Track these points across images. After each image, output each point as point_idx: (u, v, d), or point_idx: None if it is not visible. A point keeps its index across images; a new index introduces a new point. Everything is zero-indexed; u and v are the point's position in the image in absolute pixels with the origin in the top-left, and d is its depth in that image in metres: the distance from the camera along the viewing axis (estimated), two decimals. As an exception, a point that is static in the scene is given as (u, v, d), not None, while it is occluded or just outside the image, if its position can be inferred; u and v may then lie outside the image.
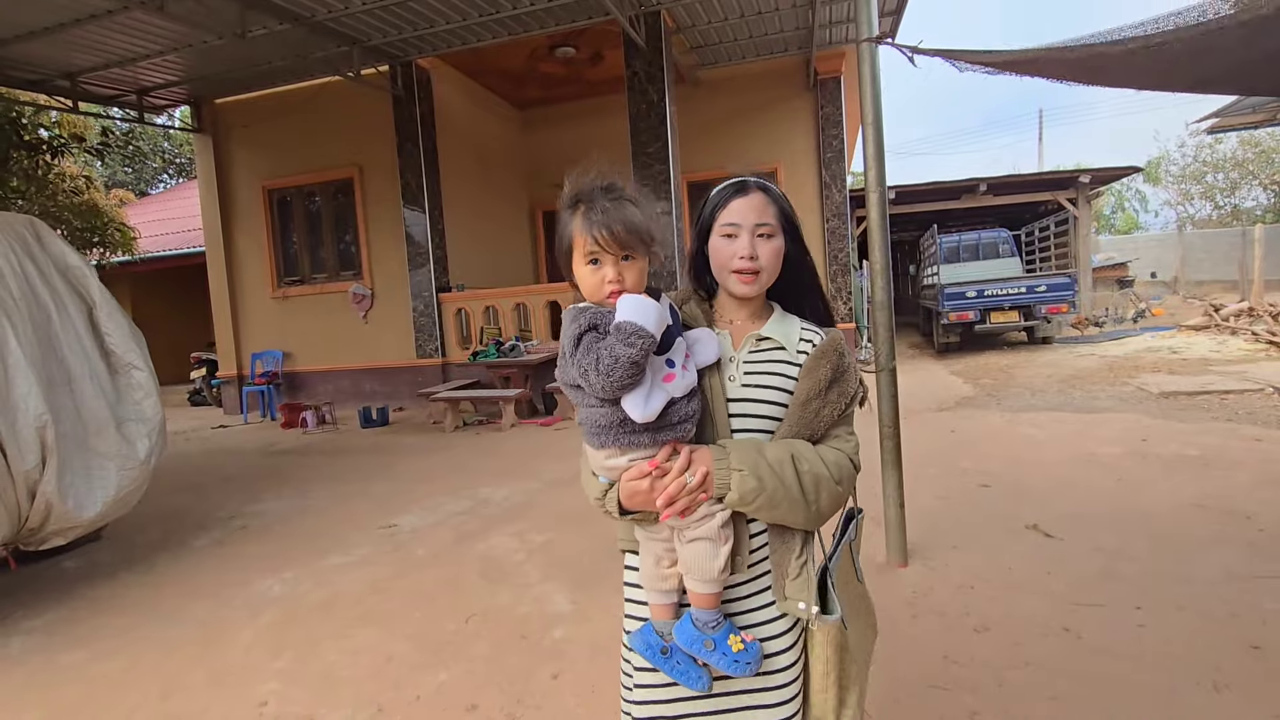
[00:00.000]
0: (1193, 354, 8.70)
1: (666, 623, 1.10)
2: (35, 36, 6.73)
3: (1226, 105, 8.19)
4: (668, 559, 1.09)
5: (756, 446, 1.05)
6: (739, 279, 1.12)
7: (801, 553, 1.09)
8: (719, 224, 1.14)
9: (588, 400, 1.03)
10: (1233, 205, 26.61)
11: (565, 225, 1.04)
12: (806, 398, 1.09)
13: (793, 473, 1.04)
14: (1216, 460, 4.26)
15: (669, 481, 1.01)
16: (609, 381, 0.95)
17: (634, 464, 1.03)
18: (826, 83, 9.59)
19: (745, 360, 1.14)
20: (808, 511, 1.05)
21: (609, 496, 1.08)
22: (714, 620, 1.07)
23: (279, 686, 2.44)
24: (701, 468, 1.02)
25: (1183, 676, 2.10)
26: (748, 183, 1.15)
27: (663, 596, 1.11)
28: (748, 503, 1.03)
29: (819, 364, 1.11)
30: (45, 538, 3.46)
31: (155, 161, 23.39)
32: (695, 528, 1.04)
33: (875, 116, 3.00)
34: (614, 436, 1.02)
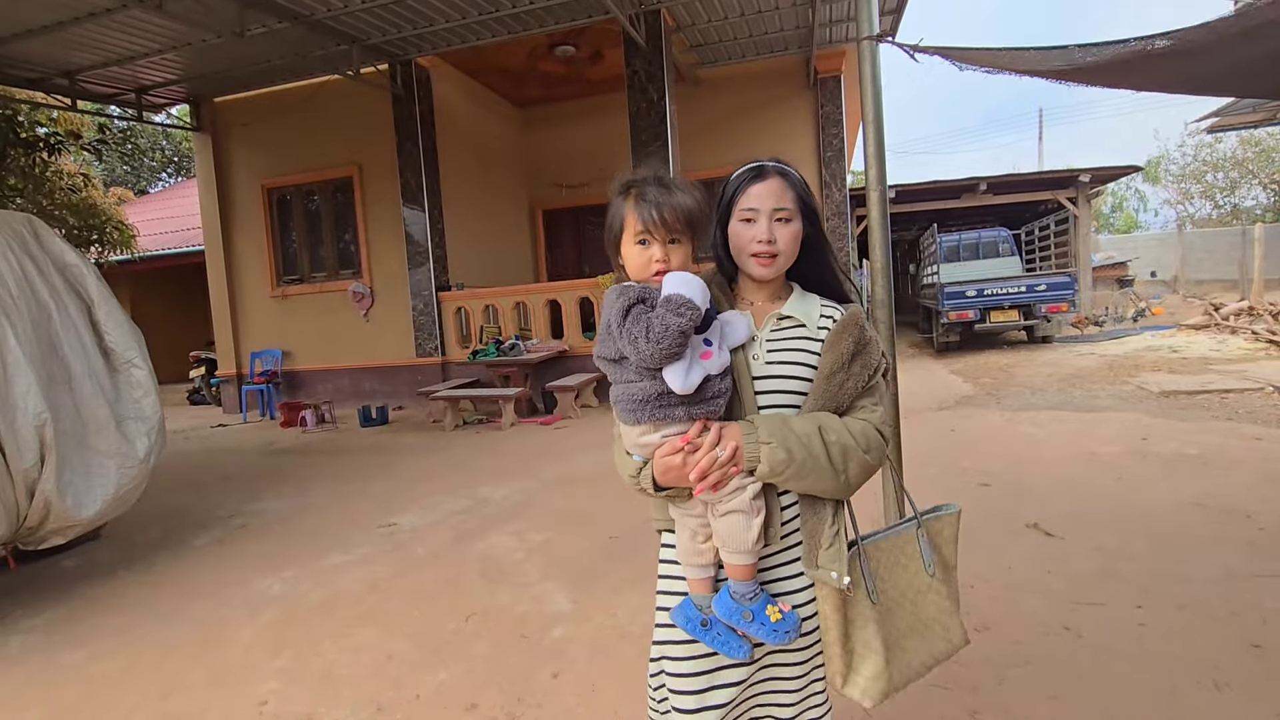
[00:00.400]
0: (1193, 353, 8.71)
1: (705, 596, 1.14)
2: (34, 35, 6.71)
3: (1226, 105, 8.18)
4: (703, 534, 1.13)
5: (783, 420, 1.09)
6: (757, 262, 1.15)
7: (834, 522, 1.13)
8: (738, 209, 1.17)
9: (627, 375, 1.08)
10: (1233, 204, 26.62)
11: (616, 209, 1.13)
12: (830, 371, 1.13)
13: (820, 443, 1.07)
14: (1217, 459, 4.26)
15: (701, 456, 1.05)
16: (659, 349, 1.00)
17: (667, 440, 1.07)
18: (826, 81, 9.59)
19: (768, 339, 1.18)
20: (837, 481, 1.08)
21: (643, 474, 1.12)
22: (751, 592, 1.11)
23: (279, 685, 2.44)
24: (731, 442, 1.06)
25: (1183, 675, 2.10)
26: (765, 167, 1.18)
27: (700, 571, 1.15)
28: (778, 474, 1.06)
29: (841, 338, 1.14)
30: (44, 537, 3.46)
31: (154, 159, 23.35)
32: (728, 501, 1.08)
33: (876, 115, 2.99)
34: (650, 411, 1.06)
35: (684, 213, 1.09)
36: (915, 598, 1.20)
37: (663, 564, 1.25)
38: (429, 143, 8.92)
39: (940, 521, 1.27)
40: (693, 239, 1.12)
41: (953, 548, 1.27)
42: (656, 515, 1.22)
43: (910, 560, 1.22)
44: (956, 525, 1.28)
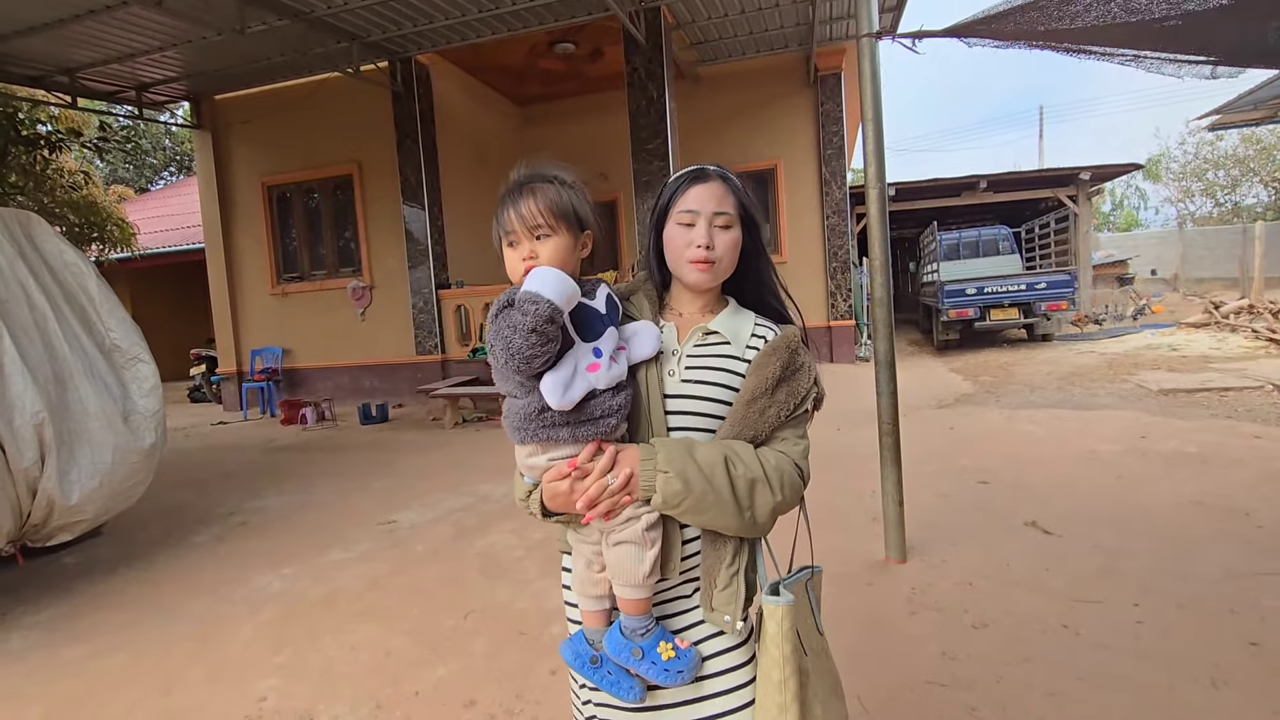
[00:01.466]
0: (1192, 351, 8.70)
1: (598, 630, 1.06)
2: (34, 32, 6.70)
3: (1228, 102, 8.16)
4: (598, 563, 1.05)
5: (688, 446, 0.99)
6: (694, 268, 1.07)
7: (733, 561, 1.03)
8: (675, 211, 1.09)
9: (509, 387, 1.01)
10: (1233, 202, 26.58)
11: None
12: (752, 396, 1.03)
13: (724, 476, 0.97)
14: (1216, 457, 4.26)
15: (590, 483, 0.97)
16: (509, 354, 0.92)
17: (554, 463, 1.00)
18: (827, 79, 9.57)
19: (688, 354, 1.08)
20: (740, 518, 0.99)
21: (533, 498, 1.04)
22: (643, 627, 1.02)
23: (278, 682, 2.45)
24: (625, 468, 0.97)
25: (1181, 673, 2.10)
26: (707, 170, 1.11)
27: (594, 603, 1.07)
28: (672, 506, 0.97)
29: (769, 360, 1.04)
30: (51, 533, 3.47)
31: (156, 158, 23.34)
32: (620, 530, 0.99)
33: (875, 113, 2.99)
34: (533, 430, 0.98)
35: (547, 204, 1.00)
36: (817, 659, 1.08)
37: (565, 589, 1.17)
38: (429, 140, 8.91)
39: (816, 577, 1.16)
40: (571, 229, 1.02)
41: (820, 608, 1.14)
42: (560, 537, 1.13)
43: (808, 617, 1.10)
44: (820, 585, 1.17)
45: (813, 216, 9.80)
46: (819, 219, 9.81)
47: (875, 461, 3.20)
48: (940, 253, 12.24)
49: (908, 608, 2.64)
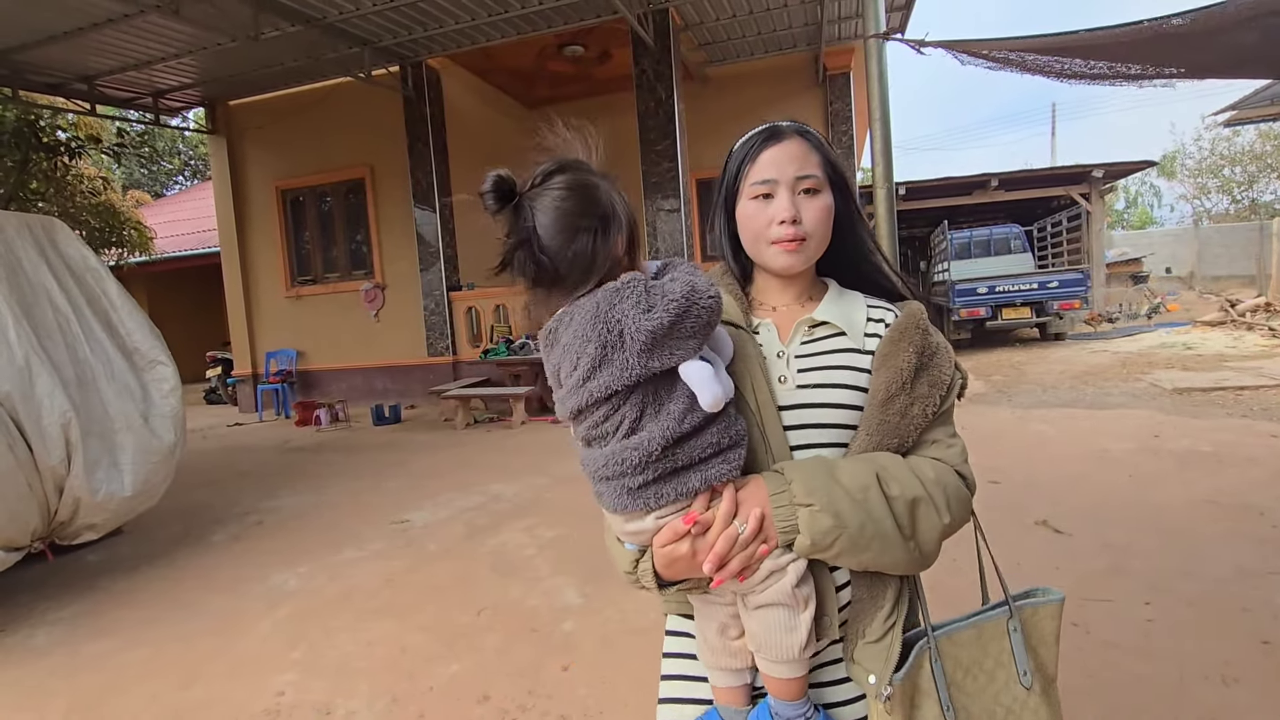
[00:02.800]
0: (1208, 350, 8.62)
1: (738, 711, 0.84)
2: (54, 41, 6.84)
3: (1244, 97, 8.08)
4: (735, 627, 0.83)
5: (828, 468, 0.79)
6: (780, 249, 0.86)
7: (893, 610, 0.82)
8: (748, 184, 0.88)
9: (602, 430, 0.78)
10: (1250, 199, 26.21)
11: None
12: (888, 394, 0.83)
13: (881, 499, 0.78)
14: (1230, 456, 4.23)
15: (714, 536, 0.76)
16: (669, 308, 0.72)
17: (664, 522, 0.78)
18: (835, 79, 9.56)
19: (798, 355, 0.88)
20: (906, 551, 0.79)
21: (642, 568, 0.83)
22: (800, 715, 0.81)
23: (296, 677, 2.49)
24: (754, 508, 0.77)
25: (1192, 671, 2.10)
26: (781, 128, 0.89)
27: (732, 677, 0.85)
28: (823, 548, 0.77)
29: (898, 347, 0.85)
30: (77, 531, 3.56)
31: (171, 163, 23.67)
32: (760, 591, 0.78)
33: (883, 112, 3.01)
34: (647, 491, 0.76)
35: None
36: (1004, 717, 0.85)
37: (669, 659, 0.94)
38: (439, 143, 8.99)
39: (1038, 613, 0.90)
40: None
41: (1053, 650, 0.90)
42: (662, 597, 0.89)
43: (997, 666, 0.86)
44: (1059, 619, 0.91)
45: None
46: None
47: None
48: (951, 251, 12.18)
49: (917, 606, 2.64)
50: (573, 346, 0.76)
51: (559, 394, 0.81)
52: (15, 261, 3.47)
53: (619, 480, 0.76)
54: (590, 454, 0.79)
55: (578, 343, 0.75)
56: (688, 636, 0.92)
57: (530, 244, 0.78)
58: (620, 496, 0.77)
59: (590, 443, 0.80)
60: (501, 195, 0.78)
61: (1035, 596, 0.92)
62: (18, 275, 3.46)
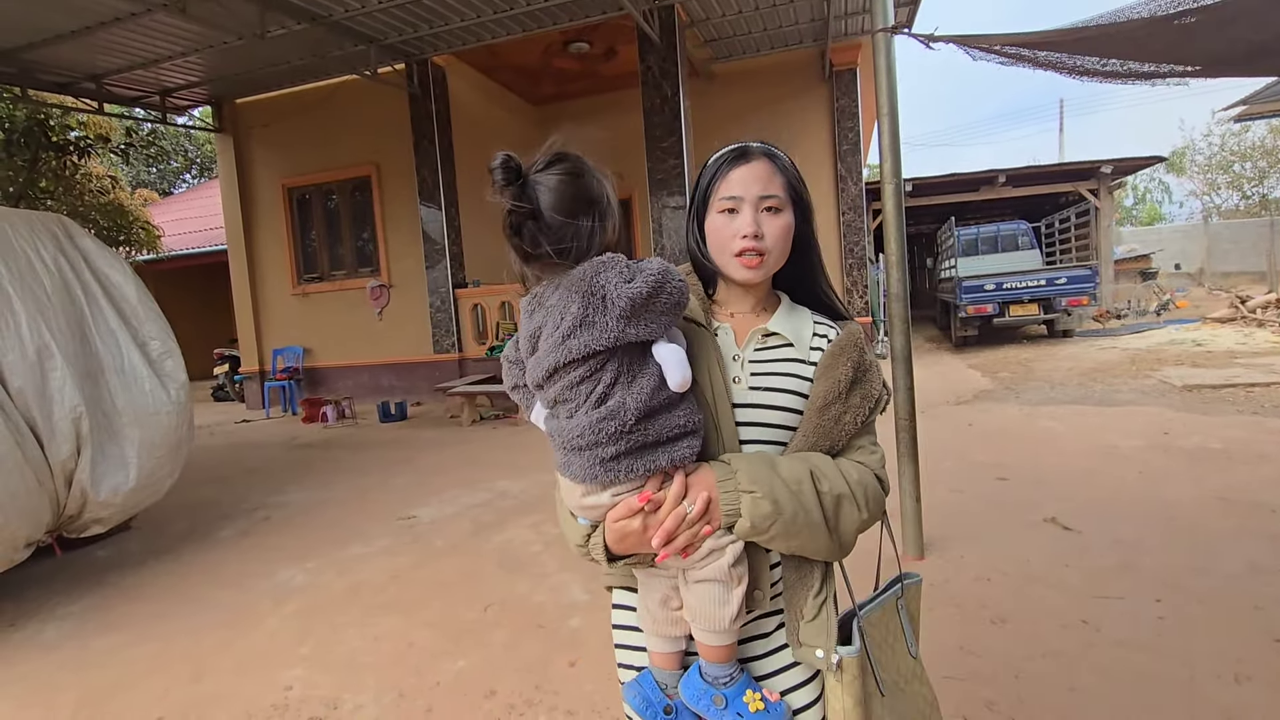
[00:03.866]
0: (1218, 346, 8.55)
1: (671, 674, 0.94)
2: (62, 40, 6.87)
3: (1254, 93, 7.99)
4: (676, 599, 0.92)
5: (769, 461, 0.89)
6: (741, 262, 0.95)
7: (820, 590, 0.93)
8: (717, 198, 0.97)
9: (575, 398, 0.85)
10: (1260, 195, 25.96)
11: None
12: (825, 401, 0.93)
13: (813, 493, 0.87)
14: (1241, 453, 4.19)
15: (664, 514, 0.84)
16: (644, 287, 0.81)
17: (619, 499, 0.86)
18: (842, 75, 9.51)
19: (751, 359, 0.97)
20: (829, 540, 0.89)
21: (593, 542, 0.91)
22: (726, 674, 0.91)
23: (303, 672, 2.50)
24: (701, 492, 0.85)
25: (1203, 668, 2.08)
26: (749, 148, 0.99)
27: (668, 644, 0.94)
28: (761, 531, 0.86)
29: (837, 361, 0.95)
30: (85, 525, 3.58)
31: (178, 161, 23.77)
32: (701, 568, 0.87)
33: (891, 107, 2.98)
34: (619, 464, 0.83)
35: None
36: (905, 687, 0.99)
37: (617, 630, 1.03)
38: (445, 141, 8.99)
39: (909, 591, 1.07)
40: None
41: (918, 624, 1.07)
42: (608, 570, 0.97)
43: (896, 639, 1.01)
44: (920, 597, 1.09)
45: (828, 213, 9.76)
46: (834, 216, 9.77)
47: (892, 458, 3.19)
48: (958, 248, 12.11)
49: (925, 603, 2.59)
50: (557, 307, 0.84)
51: (533, 359, 0.88)
52: (27, 258, 3.49)
53: (593, 451, 0.83)
54: (562, 425, 0.86)
55: (562, 304, 0.83)
56: (630, 610, 1.01)
57: (537, 220, 0.85)
58: (592, 467, 0.83)
59: (557, 406, 0.88)
60: (509, 172, 0.85)
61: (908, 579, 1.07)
62: (31, 271, 3.47)
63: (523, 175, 0.86)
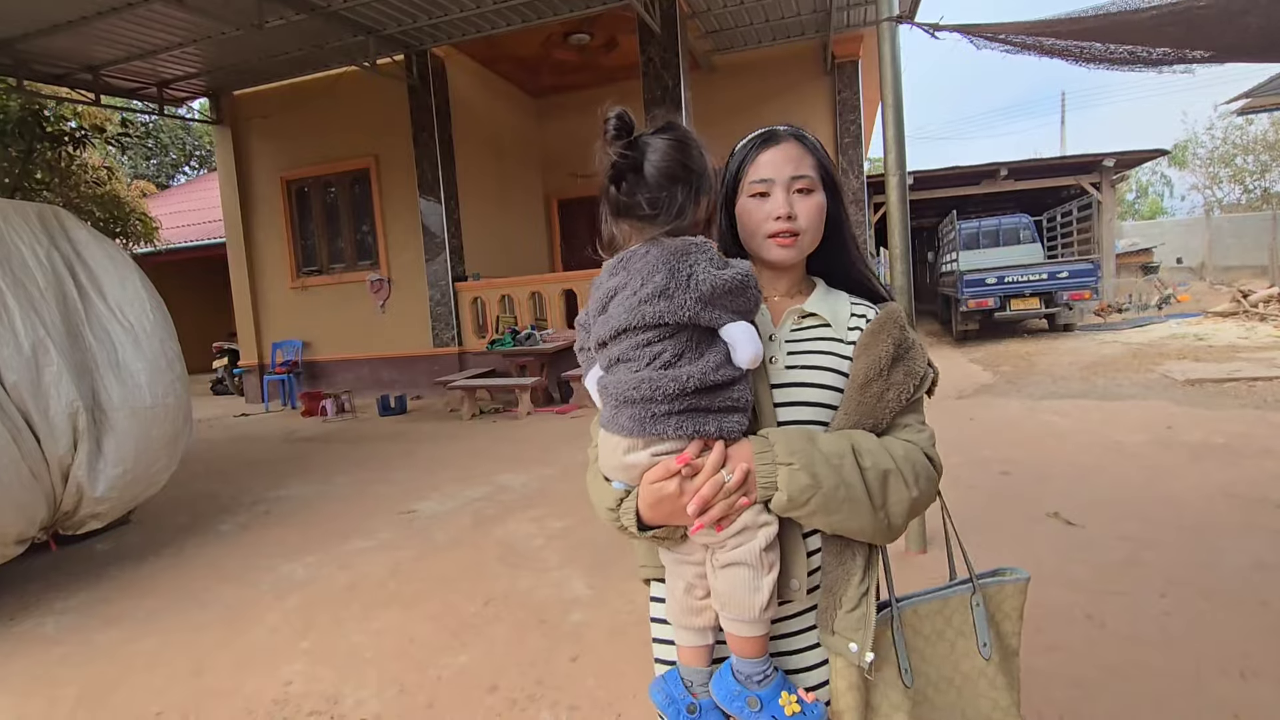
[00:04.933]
0: (1220, 340, 8.53)
1: (698, 670, 0.92)
2: (58, 30, 6.81)
3: (1258, 85, 7.94)
4: (701, 587, 0.90)
5: (808, 435, 0.87)
6: (776, 243, 0.95)
7: (864, 577, 0.89)
8: (747, 182, 0.97)
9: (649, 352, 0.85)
10: (1263, 188, 25.87)
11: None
12: (866, 378, 0.91)
13: (854, 467, 0.85)
14: (1244, 448, 4.18)
15: (702, 481, 0.82)
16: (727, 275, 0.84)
17: (659, 459, 0.85)
18: (844, 66, 9.45)
19: (788, 340, 0.97)
20: (875, 518, 0.86)
21: (625, 507, 0.89)
22: (760, 672, 0.87)
23: (304, 666, 2.49)
24: (742, 463, 0.84)
25: (1209, 663, 2.07)
26: (778, 131, 0.99)
27: (695, 636, 0.92)
28: (799, 504, 0.83)
29: (877, 339, 0.94)
30: (82, 520, 3.56)
31: (176, 153, 23.66)
32: (731, 548, 0.85)
33: (895, 98, 2.95)
34: (673, 418, 0.83)
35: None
36: (963, 686, 0.95)
37: (654, 622, 1.03)
38: (444, 133, 8.94)
39: (1003, 590, 1.00)
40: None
41: (1016, 625, 1.01)
42: (644, 561, 0.99)
43: (959, 636, 0.96)
44: (1023, 597, 1.01)
45: (830, 206, 9.71)
46: (836, 209, 9.72)
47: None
48: (959, 242, 12.07)
49: (928, 597, 2.62)
50: (641, 271, 0.85)
51: (603, 318, 0.88)
52: (20, 251, 3.45)
53: (645, 405, 0.83)
54: (620, 378, 0.85)
55: (648, 270, 0.84)
56: (660, 602, 0.99)
57: (637, 176, 0.87)
58: (642, 420, 0.83)
59: (618, 364, 0.87)
60: (623, 127, 0.87)
61: (1002, 575, 1.02)
62: (23, 264, 3.44)
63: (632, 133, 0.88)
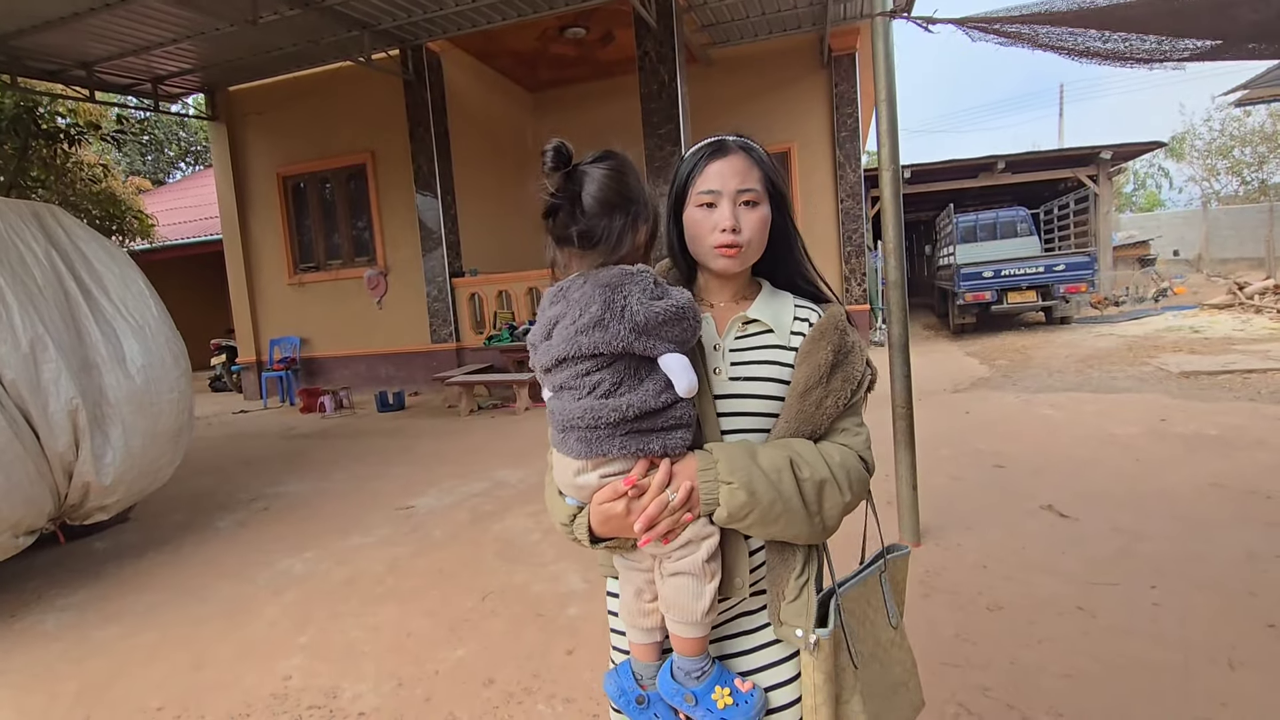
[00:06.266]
0: (1215, 333, 8.55)
1: (649, 665, 0.98)
2: (51, 26, 6.77)
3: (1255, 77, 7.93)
4: (649, 591, 0.96)
5: (750, 451, 0.91)
6: (720, 253, 0.97)
7: (802, 571, 0.95)
8: (695, 192, 0.99)
9: (586, 380, 0.89)
10: (1260, 180, 25.87)
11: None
12: (806, 386, 0.95)
13: (791, 481, 0.89)
14: (1238, 440, 4.20)
15: (648, 500, 0.87)
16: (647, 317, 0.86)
17: (606, 480, 0.90)
18: (841, 60, 9.43)
19: (731, 349, 0.99)
20: (810, 524, 0.91)
21: (578, 522, 0.94)
22: (698, 669, 0.93)
23: (302, 661, 2.51)
24: (685, 482, 0.88)
25: (1198, 654, 2.10)
26: (726, 143, 1.01)
27: (644, 635, 0.98)
28: (738, 519, 0.89)
29: (817, 346, 0.96)
30: (89, 512, 3.59)
31: (172, 150, 23.57)
32: (676, 559, 0.90)
33: (889, 93, 2.95)
34: (615, 440, 0.87)
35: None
36: (882, 656, 1.03)
37: (610, 615, 1.07)
38: (441, 128, 8.92)
39: (896, 564, 1.10)
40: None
41: (903, 594, 1.11)
42: (602, 560, 1.03)
43: (876, 612, 1.04)
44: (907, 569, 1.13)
45: (827, 200, 9.70)
46: (833, 202, 9.71)
47: (889, 445, 3.20)
48: (957, 235, 12.07)
49: (921, 590, 2.64)
50: (578, 303, 0.88)
51: (545, 345, 0.92)
52: (17, 249, 3.45)
53: (590, 430, 0.88)
54: (564, 405, 0.90)
55: (584, 301, 0.88)
56: (616, 597, 1.04)
57: (574, 207, 0.90)
58: (588, 443, 0.88)
59: (562, 390, 0.91)
60: (560, 158, 0.90)
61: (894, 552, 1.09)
62: (21, 262, 3.44)
63: (570, 163, 0.91)
